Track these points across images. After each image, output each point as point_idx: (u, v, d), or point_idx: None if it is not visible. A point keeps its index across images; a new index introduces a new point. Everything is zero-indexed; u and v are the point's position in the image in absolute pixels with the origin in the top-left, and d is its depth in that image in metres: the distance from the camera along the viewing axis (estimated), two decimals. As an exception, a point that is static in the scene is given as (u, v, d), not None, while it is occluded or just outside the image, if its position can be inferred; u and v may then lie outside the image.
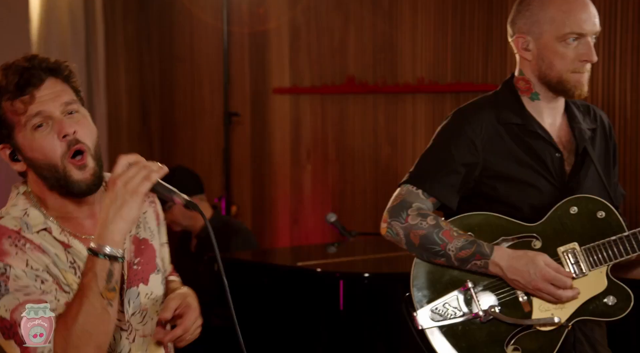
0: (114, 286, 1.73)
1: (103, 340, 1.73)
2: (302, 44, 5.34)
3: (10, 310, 1.73)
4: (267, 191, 5.55)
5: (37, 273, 1.77)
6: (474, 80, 4.65)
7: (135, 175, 1.72)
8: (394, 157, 4.98)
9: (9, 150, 1.85)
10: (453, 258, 2.31)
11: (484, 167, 2.37)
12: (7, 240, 1.77)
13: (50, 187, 1.84)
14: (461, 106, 2.47)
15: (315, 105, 5.31)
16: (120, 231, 1.72)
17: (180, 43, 5.90)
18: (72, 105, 1.84)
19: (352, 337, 3.54)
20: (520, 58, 2.42)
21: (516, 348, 2.32)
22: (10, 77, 1.80)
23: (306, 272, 3.70)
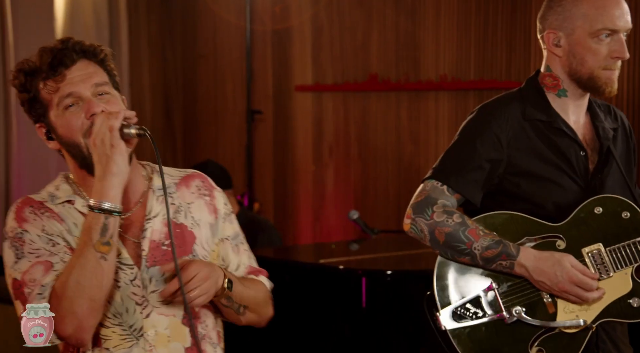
0: (108, 240, 1.78)
1: (97, 293, 1.78)
2: (325, 41, 5.34)
3: (22, 271, 1.81)
4: (290, 188, 5.56)
5: (51, 238, 1.84)
6: (497, 77, 4.63)
7: (105, 130, 1.80)
8: (417, 154, 4.97)
9: (44, 129, 1.94)
10: (478, 258, 2.29)
11: (509, 164, 2.35)
12: (28, 209, 1.87)
13: (80, 166, 1.91)
14: (486, 102, 2.45)
15: (337, 102, 5.31)
16: (114, 186, 1.79)
17: (204, 40, 5.92)
18: (103, 86, 1.89)
19: (374, 334, 3.54)
20: (549, 54, 2.40)
21: (540, 349, 2.30)
22: (45, 57, 1.88)
23: (329, 270, 3.70)
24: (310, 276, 3.74)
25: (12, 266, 1.84)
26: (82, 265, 1.77)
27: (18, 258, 1.83)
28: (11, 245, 1.85)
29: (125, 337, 1.88)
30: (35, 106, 1.92)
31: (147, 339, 1.89)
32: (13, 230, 1.86)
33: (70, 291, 1.77)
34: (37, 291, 1.79)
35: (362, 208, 5.03)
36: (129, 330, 1.88)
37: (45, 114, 1.91)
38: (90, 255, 1.77)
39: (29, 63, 1.91)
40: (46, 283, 1.80)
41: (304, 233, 5.47)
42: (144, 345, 1.89)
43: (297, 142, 5.51)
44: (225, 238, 2.04)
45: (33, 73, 1.90)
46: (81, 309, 1.77)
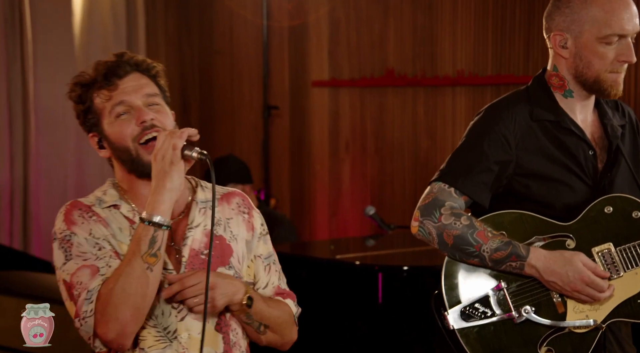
0: (155, 252, 1.85)
1: (140, 302, 1.85)
2: (342, 36, 5.33)
3: (71, 273, 1.89)
4: (306, 184, 5.56)
5: (97, 241, 1.92)
6: (514, 73, 4.61)
7: (167, 147, 1.88)
8: (433, 150, 4.95)
9: (96, 137, 2.02)
10: (487, 260, 2.27)
11: (517, 165, 2.33)
12: (77, 212, 1.95)
13: (129, 170, 1.99)
14: (493, 102, 2.43)
15: (354, 98, 5.30)
16: (165, 200, 1.87)
17: (220, 36, 5.92)
18: (154, 98, 1.99)
19: (390, 330, 3.54)
20: (556, 54, 2.38)
21: (549, 349, 2.28)
22: (99, 69, 1.98)
23: (345, 265, 3.70)
24: (326, 271, 3.75)
25: (61, 267, 1.92)
26: (129, 274, 1.84)
27: (67, 260, 1.91)
28: (60, 246, 1.93)
29: (159, 338, 1.93)
30: (88, 116, 2.01)
31: (181, 342, 1.94)
32: (62, 231, 1.94)
33: (115, 298, 1.83)
34: (85, 296, 1.86)
35: (378, 204, 5.03)
36: (163, 332, 1.94)
37: (98, 123, 2.00)
38: (138, 265, 1.84)
39: (85, 76, 2.00)
40: (93, 288, 1.86)
41: (321, 228, 5.48)
42: (177, 348, 1.94)
43: (314, 138, 5.51)
44: (258, 256, 2.10)
45: (88, 85, 1.99)
46: (124, 316, 1.84)
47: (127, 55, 2.01)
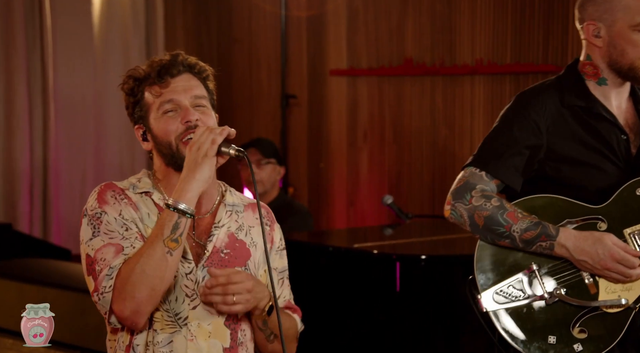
0: (177, 238, 1.92)
1: (158, 284, 1.92)
2: (360, 25, 5.32)
3: (96, 249, 1.97)
4: (324, 173, 5.56)
5: (125, 222, 2.00)
6: (534, 61, 4.58)
7: (205, 140, 1.95)
8: (452, 139, 4.94)
9: (141, 130, 2.10)
10: (518, 240, 2.30)
11: (548, 150, 2.37)
12: (110, 193, 2.04)
13: (167, 163, 2.07)
14: (524, 90, 2.47)
15: (372, 87, 5.29)
16: (192, 190, 1.94)
17: (239, 25, 5.92)
18: (201, 100, 2.08)
19: (408, 319, 3.54)
20: (589, 44, 2.39)
21: (582, 330, 2.31)
22: (154, 66, 2.07)
23: (363, 254, 3.70)
24: (344, 260, 3.75)
25: (87, 242, 1.99)
26: (149, 255, 1.91)
27: (94, 236, 1.98)
28: (89, 222, 2.00)
29: (169, 323, 2.00)
30: (137, 109, 2.10)
31: (190, 329, 2.01)
32: (93, 209, 2.01)
33: (134, 277, 1.90)
34: (106, 272, 1.93)
35: (396, 193, 5.02)
36: (174, 318, 2.00)
37: (145, 117, 2.08)
38: (159, 248, 1.91)
39: (139, 70, 2.09)
40: (115, 265, 1.93)
41: (338, 217, 5.48)
42: (185, 334, 2.00)
43: (332, 127, 5.51)
44: (274, 269, 2.17)
45: (141, 79, 2.08)
46: (141, 295, 1.91)
47: (182, 56, 2.10)
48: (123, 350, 2.01)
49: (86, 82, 5.65)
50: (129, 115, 2.12)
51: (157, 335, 1.99)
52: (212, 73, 2.15)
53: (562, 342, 2.30)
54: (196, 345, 2.00)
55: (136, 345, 1.99)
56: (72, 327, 3.65)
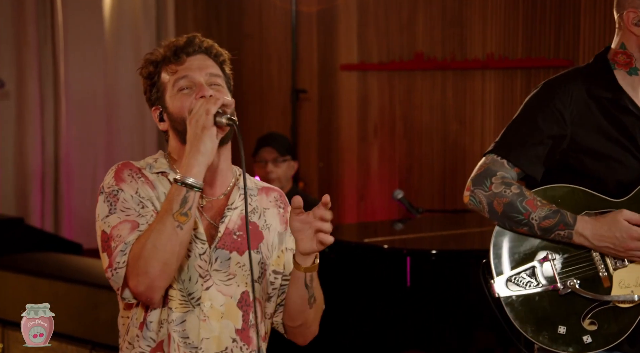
0: (186, 212, 1.93)
1: (170, 258, 1.93)
2: (370, 19, 5.31)
3: (112, 226, 1.99)
4: (334, 168, 5.56)
5: (141, 200, 2.02)
6: (545, 55, 4.56)
7: (201, 112, 1.96)
8: (462, 133, 4.93)
9: (158, 110, 2.11)
10: (536, 228, 2.30)
11: (571, 140, 2.35)
12: (127, 171, 2.05)
13: (182, 142, 2.06)
14: (551, 77, 2.45)
15: (382, 81, 5.28)
16: (198, 163, 1.95)
17: (249, 19, 5.92)
18: (217, 78, 2.08)
19: (418, 313, 3.54)
20: (626, 32, 2.37)
21: (593, 322, 2.31)
22: (170, 46, 2.09)
23: (373, 249, 3.70)
24: (354, 255, 3.75)
25: (103, 219, 2.00)
26: (160, 231, 1.92)
27: (110, 213, 2.00)
28: (106, 199, 2.02)
29: (182, 302, 2.01)
30: (153, 90, 2.11)
31: (203, 309, 2.02)
32: (110, 186, 2.03)
33: (146, 252, 1.92)
34: (121, 248, 1.95)
35: (406, 188, 5.02)
36: (187, 297, 2.02)
37: (162, 97, 2.09)
38: (169, 222, 1.92)
39: (156, 53, 2.10)
40: (129, 241, 1.95)
41: (349, 212, 5.48)
42: (198, 314, 2.02)
43: (342, 121, 5.50)
44: (290, 249, 2.18)
45: (158, 62, 2.10)
46: (154, 270, 1.92)
47: (199, 38, 2.10)
48: (137, 327, 2.02)
49: (97, 77, 5.67)
50: (147, 99, 2.13)
51: (172, 313, 2.00)
52: (229, 57, 2.14)
53: (572, 332, 2.30)
54: (209, 325, 2.02)
55: (149, 322, 2.01)
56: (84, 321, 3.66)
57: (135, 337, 2.02)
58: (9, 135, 5.40)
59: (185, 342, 2.00)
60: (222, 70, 2.11)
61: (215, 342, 2.02)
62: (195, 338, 2.01)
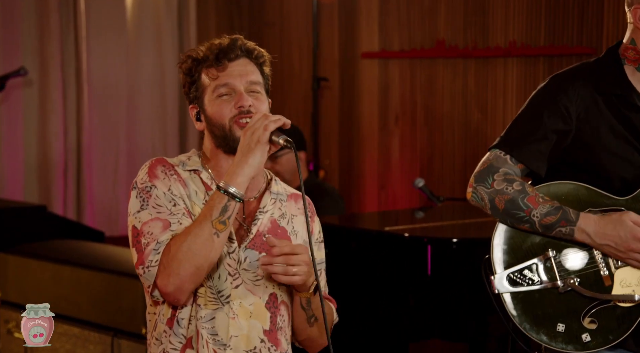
0: (225, 220, 1.97)
1: (203, 263, 1.96)
2: (392, 7, 5.29)
3: (143, 222, 2.02)
4: (355, 156, 5.56)
5: (174, 198, 2.04)
6: (568, 43, 4.53)
7: (259, 127, 1.99)
8: (484, 122, 4.91)
9: (196, 110, 2.14)
10: (537, 225, 2.28)
11: (576, 137, 2.32)
12: (160, 168, 2.08)
13: (217, 145, 2.11)
14: (559, 71, 2.42)
15: (404, 69, 5.27)
16: (244, 174, 1.98)
17: (270, 7, 5.92)
18: (256, 85, 2.12)
19: (439, 302, 3.54)
20: (635, 28, 2.34)
21: (593, 321, 2.28)
22: (213, 49, 2.12)
23: (394, 237, 3.70)
24: (375, 243, 3.75)
25: (135, 214, 2.04)
26: (197, 235, 1.95)
27: (141, 209, 2.03)
28: (138, 195, 2.05)
29: (212, 299, 2.04)
30: (192, 88, 2.13)
31: (232, 307, 2.05)
32: (143, 182, 2.06)
33: (181, 254, 1.95)
34: (154, 246, 1.98)
35: (427, 176, 5.01)
36: (216, 295, 2.04)
37: (201, 97, 2.12)
38: (207, 228, 1.95)
39: (198, 51, 2.13)
40: (162, 240, 1.98)
41: (370, 201, 5.48)
42: (227, 311, 2.04)
43: (363, 110, 5.49)
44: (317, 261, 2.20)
45: (199, 61, 2.12)
46: (185, 273, 1.95)
47: (241, 40, 2.13)
48: (164, 323, 2.05)
49: (119, 66, 5.69)
50: (185, 94, 2.16)
51: (201, 310, 2.03)
52: (269, 59, 2.19)
53: (571, 331, 2.28)
54: (237, 323, 2.04)
55: (180, 319, 2.03)
56: (106, 309, 3.69)
57: (163, 333, 2.05)
58: (32, 123, 5.44)
59: (215, 339, 2.03)
60: (262, 73, 2.16)
61: (244, 340, 2.05)
62: (224, 336, 2.03)
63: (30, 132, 5.44)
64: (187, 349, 2.03)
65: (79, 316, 3.77)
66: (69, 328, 3.75)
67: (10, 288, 4.05)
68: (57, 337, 3.74)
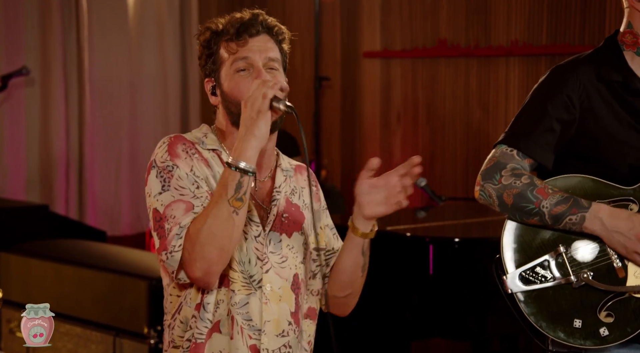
0: (241, 196, 1.90)
1: (227, 243, 1.90)
2: (394, 6, 5.29)
3: (165, 205, 1.95)
4: (357, 155, 5.55)
5: (196, 179, 1.97)
6: (570, 42, 4.52)
7: (257, 95, 1.92)
8: (486, 121, 4.90)
9: (212, 83, 2.09)
10: (547, 216, 2.26)
11: (581, 125, 2.31)
12: (181, 146, 2.01)
13: (232, 122, 2.05)
14: (560, 63, 2.41)
15: (406, 68, 5.26)
16: (252, 147, 1.91)
17: (272, 7, 5.92)
18: (274, 62, 2.07)
19: (441, 301, 3.53)
20: (632, 10, 2.33)
21: (609, 314, 2.26)
22: (233, 23, 2.06)
23: (396, 237, 3.70)
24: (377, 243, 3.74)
25: (156, 196, 1.96)
26: (216, 216, 1.89)
27: (163, 190, 1.96)
28: (159, 174, 1.97)
29: (245, 284, 2.01)
30: (209, 61, 2.08)
31: (264, 292, 2.02)
32: (164, 161, 1.98)
33: (203, 237, 1.89)
34: (176, 231, 1.92)
35: (429, 176, 5.00)
36: (248, 279, 2.01)
37: (217, 71, 2.06)
38: (224, 208, 1.89)
39: (218, 24, 2.08)
40: (184, 224, 1.92)
41: (372, 200, 5.47)
42: (260, 296, 2.02)
43: (365, 109, 5.49)
44: (326, 225, 2.22)
45: (219, 33, 2.07)
46: (211, 255, 1.90)
47: (262, 16, 2.09)
48: (192, 308, 2.00)
49: (121, 64, 5.69)
50: (200, 66, 2.10)
51: (235, 295, 1.99)
52: (290, 36, 2.16)
53: (588, 326, 2.26)
54: (270, 308, 2.02)
55: (207, 304, 1.99)
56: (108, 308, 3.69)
57: (192, 318, 2.00)
58: (34, 122, 5.44)
59: (249, 324, 2.00)
60: (281, 50, 2.12)
61: (274, 324, 2.03)
62: (258, 321, 2.01)
63: (32, 131, 5.44)
64: (214, 333, 1.99)
65: (81, 315, 3.77)
66: (71, 327, 3.75)
67: (12, 288, 4.05)
68: (59, 337, 3.74)
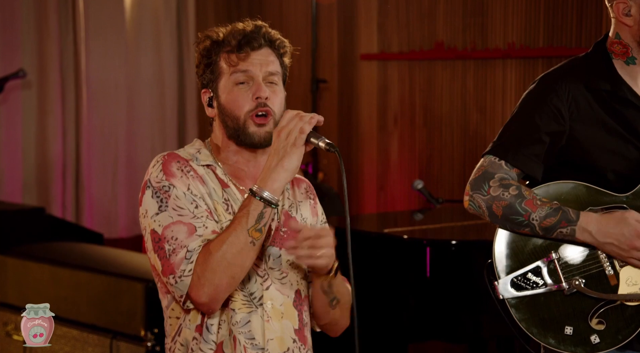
0: (261, 228, 1.88)
1: (238, 272, 1.88)
2: (391, 9, 5.29)
3: (164, 226, 1.91)
4: (354, 157, 5.55)
5: (194, 198, 1.93)
6: (567, 45, 4.53)
7: (294, 128, 1.89)
8: (483, 123, 4.91)
9: (209, 95, 2.04)
10: (537, 228, 2.26)
11: (571, 136, 2.31)
12: (176, 164, 1.96)
13: (228, 136, 2.01)
14: (548, 71, 2.41)
15: (403, 71, 5.27)
16: (280, 180, 1.89)
17: (269, 8, 5.92)
18: (274, 76, 2.03)
19: (438, 303, 3.53)
20: (618, 22, 2.33)
21: (601, 321, 2.26)
22: (235, 34, 2.02)
23: (393, 239, 3.70)
24: (374, 245, 3.75)
25: (153, 216, 1.92)
26: (232, 244, 1.86)
27: (160, 210, 1.92)
28: (154, 195, 1.93)
29: (245, 302, 1.97)
30: (207, 71, 2.04)
31: (266, 309, 1.99)
32: (159, 181, 1.94)
33: (215, 263, 1.86)
34: (185, 255, 1.88)
35: (426, 178, 5.01)
36: (249, 297, 1.98)
37: (215, 81, 2.02)
38: (243, 237, 1.86)
39: (219, 33, 2.03)
40: (193, 248, 1.88)
41: (368, 202, 5.48)
42: (261, 314, 1.98)
43: (362, 111, 5.49)
44: None
45: (219, 44, 2.02)
46: (221, 282, 1.87)
47: (265, 29, 2.05)
48: (192, 330, 1.96)
49: (118, 67, 5.69)
50: (198, 75, 2.06)
51: (235, 314, 1.96)
52: (291, 50, 2.11)
53: (579, 333, 2.26)
54: (272, 325, 1.98)
55: (210, 325, 1.96)
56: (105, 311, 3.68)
57: (193, 340, 1.97)
58: (31, 124, 5.44)
59: (252, 343, 1.96)
60: (282, 63, 2.07)
61: (278, 342, 1.99)
62: (260, 340, 1.97)
63: (29, 134, 5.43)
64: None
65: (78, 318, 3.76)
66: (67, 330, 3.75)
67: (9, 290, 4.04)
68: (56, 339, 3.73)
